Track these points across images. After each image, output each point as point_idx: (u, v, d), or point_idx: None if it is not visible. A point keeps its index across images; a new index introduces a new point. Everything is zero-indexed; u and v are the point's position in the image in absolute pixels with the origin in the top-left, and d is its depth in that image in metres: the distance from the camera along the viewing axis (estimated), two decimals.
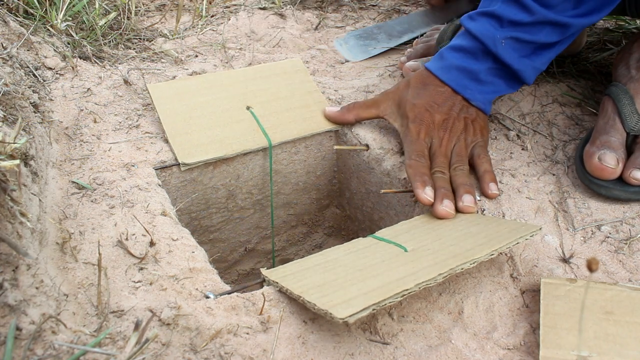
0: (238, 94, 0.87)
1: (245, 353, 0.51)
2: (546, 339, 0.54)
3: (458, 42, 0.80)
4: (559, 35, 0.75)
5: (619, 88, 0.76)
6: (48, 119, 0.76)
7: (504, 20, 0.75)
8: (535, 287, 0.62)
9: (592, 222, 0.69)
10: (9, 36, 0.83)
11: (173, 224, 0.65)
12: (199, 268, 0.60)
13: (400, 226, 0.70)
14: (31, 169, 0.61)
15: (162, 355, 0.49)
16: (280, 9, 1.22)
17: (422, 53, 1.03)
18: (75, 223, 0.63)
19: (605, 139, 0.72)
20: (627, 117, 0.73)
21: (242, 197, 0.88)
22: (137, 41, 1.05)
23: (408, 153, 0.76)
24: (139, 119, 0.82)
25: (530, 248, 0.66)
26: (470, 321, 0.59)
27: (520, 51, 0.76)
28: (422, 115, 0.77)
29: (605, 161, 0.70)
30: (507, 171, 0.78)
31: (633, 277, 0.62)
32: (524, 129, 0.86)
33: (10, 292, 0.45)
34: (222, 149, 0.80)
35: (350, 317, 0.48)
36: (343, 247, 0.65)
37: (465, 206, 0.70)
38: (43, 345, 0.45)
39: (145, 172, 0.73)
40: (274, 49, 1.10)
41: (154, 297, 0.55)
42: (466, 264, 0.56)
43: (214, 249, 0.91)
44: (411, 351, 0.55)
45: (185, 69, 0.96)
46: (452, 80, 0.79)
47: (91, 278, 0.56)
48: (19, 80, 0.73)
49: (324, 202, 0.99)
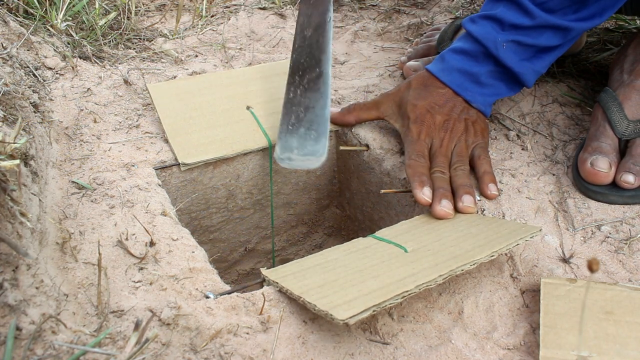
0: (238, 94, 0.87)
1: (245, 353, 0.51)
2: (546, 339, 0.54)
3: (459, 45, 0.80)
4: (560, 39, 0.76)
5: (608, 94, 0.77)
6: (48, 119, 0.76)
7: (505, 23, 0.76)
8: (535, 287, 0.62)
9: (592, 222, 0.69)
10: (9, 36, 0.83)
11: (173, 224, 0.65)
12: (199, 268, 0.60)
13: (400, 226, 0.70)
14: (31, 169, 0.61)
15: (162, 355, 0.49)
16: (280, 8, 1.22)
17: (423, 53, 1.03)
18: (75, 223, 0.63)
19: (597, 144, 0.74)
20: (617, 123, 0.74)
21: (242, 197, 0.88)
22: (137, 41, 1.05)
23: (408, 153, 0.76)
24: (139, 118, 0.82)
25: (530, 248, 0.66)
26: (470, 321, 0.59)
27: (521, 54, 0.77)
28: (423, 116, 0.78)
29: (597, 166, 0.71)
30: (507, 171, 0.78)
31: (633, 277, 0.62)
32: (524, 129, 0.86)
33: (10, 292, 0.45)
34: (222, 149, 0.80)
35: (350, 318, 0.48)
36: (343, 247, 0.65)
37: (465, 206, 0.70)
38: (43, 345, 0.45)
39: (145, 172, 0.73)
40: (274, 48, 1.10)
41: (154, 297, 0.55)
42: (466, 265, 0.56)
43: (214, 249, 0.91)
44: (411, 351, 0.55)
45: (185, 69, 0.96)
46: (453, 82, 0.79)
47: (91, 278, 0.56)
48: (19, 80, 0.73)
49: (324, 202, 0.99)
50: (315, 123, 0.75)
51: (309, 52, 0.78)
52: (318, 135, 0.75)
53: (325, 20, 0.77)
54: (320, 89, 0.76)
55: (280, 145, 0.77)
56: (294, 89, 0.78)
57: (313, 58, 0.78)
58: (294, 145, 0.76)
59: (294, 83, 0.79)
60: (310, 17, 0.79)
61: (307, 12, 0.80)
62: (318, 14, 0.78)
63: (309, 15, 0.79)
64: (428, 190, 0.71)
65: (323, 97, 0.76)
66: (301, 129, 0.76)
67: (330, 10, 0.77)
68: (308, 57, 0.78)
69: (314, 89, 0.77)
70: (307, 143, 0.75)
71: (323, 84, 0.76)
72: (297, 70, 0.79)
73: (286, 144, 0.77)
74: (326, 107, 0.75)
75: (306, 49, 0.79)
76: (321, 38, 0.77)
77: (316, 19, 0.78)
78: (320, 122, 0.75)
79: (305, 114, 0.76)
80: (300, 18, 0.80)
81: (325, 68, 0.76)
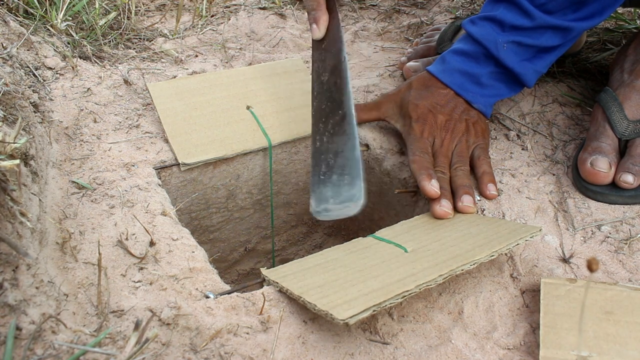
0: (238, 94, 0.87)
1: (245, 353, 0.51)
2: (546, 339, 0.54)
3: (460, 46, 0.80)
4: (561, 39, 0.76)
5: (608, 94, 0.77)
6: (48, 118, 0.76)
7: (505, 24, 0.76)
8: (535, 287, 0.62)
9: (592, 222, 0.69)
10: (9, 36, 0.83)
11: (173, 223, 0.65)
12: (198, 268, 0.60)
13: (400, 226, 0.70)
14: (31, 168, 0.61)
15: (162, 355, 0.49)
16: (280, 8, 1.22)
17: (423, 54, 1.03)
18: (75, 223, 0.63)
19: (597, 144, 0.74)
20: (617, 123, 0.74)
21: (242, 197, 0.88)
22: (137, 41, 1.05)
23: (412, 150, 0.76)
24: (139, 118, 0.82)
25: (530, 248, 0.66)
26: (470, 321, 0.59)
27: (522, 55, 0.77)
28: (426, 115, 0.78)
29: (597, 166, 0.71)
30: (507, 171, 0.78)
31: (633, 277, 0.62)
32: (524, 129, 0.86)
33: (10, 292, 0.45)
34: (222, 148, 0.80)
35: (350, 318, 0.48)
36: (343, 247, 0.65)
37: (465, 206, 0.70)
38: (43, 345, 0.45)
39: (145, 172, 0.73)
40: (274, 48, 1.10)
41: (154, 297, 0.55)
42: (466, 265, 0.56)
43: (214, 249, 0.91)
44: (411, 351, 0.55)
45: (185, 69, 0.96)
46: (454, 83, 0.79)
47: (91, 278, 0.56)
48: (19, 80, 0.73)
49: None
50: (347, 167, 0.71)
51: (329, 97, 0.76)
52: (352, 178, 0.71)
53: (340, 60, 0.75)
54: (346, 131, 0.73)
55: (314, 197, 0.72)
56: (320, 137, 0.75)
57: (334, 101, 0.75)
58: (329, 195, 0.72)
59: (319, 131, 0.76)
60: (324, 61, 0.77)
61: (320, 57, 0.78)
62: (332, 56, 0.76)
63: (322, 60, 0.77)
64: (436, 182, 0.70)
65: (351, 139, 0.72)
66: (334, 176, 0.72)
67: (343, 49, 0.75)
68: (329, 102, 0.76)
69: (340, 132, 0.74)
70: (342, 190, 0.71)
71: (348, 124, 0.73)
72: (320, 118, 0.76)
73: (321, 195, 0.72)
74: (355, 149, 0.72)
75: (325, 94, 0.76)
76: (338, 79, 0.75)
77: (331, 61, 0.76)
78: (352, 165, 0.71)
79: (335, 160, 0.73)
80: (315, 64, 0.78)
81: (348, 109, 0.73)
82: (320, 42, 0.77)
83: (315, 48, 0.78)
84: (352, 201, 0.69)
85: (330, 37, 0.76)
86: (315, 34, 0.76)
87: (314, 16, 0.75)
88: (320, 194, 0.72)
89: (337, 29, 0.75)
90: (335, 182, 0.71)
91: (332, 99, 0.75)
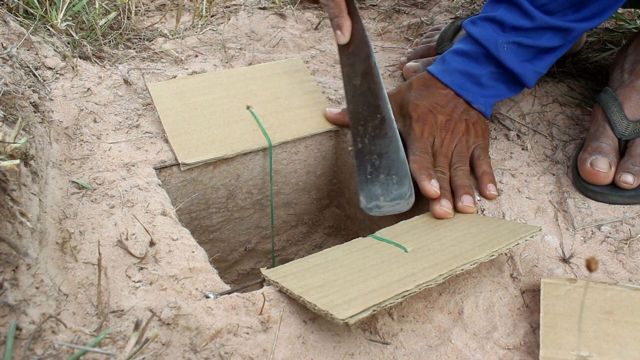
0: (238, 94, 0.87)
1: (245, 353, 0.51)
2: (546, 339, 0.54)
3: (460, 47, 0.80)
4: (561, 40, 0.76)
5: (608, 94, 0.77)
6: (48, 118, 0.76)
7: (505, 25, 0.76)
8: (535, 287, 0.62)
9: (592, 222, 0.69)
10: (9, 36, 0.83)
11: (173, 223, 0.65)
12: (198, 268, 0.60)
13: (400, 226, 0.70)
14: (31, 168, 0.61)
15: (162, 355, 0.49)
16: (280, 8, 1.22)
17: (422, 54, 1.03)
18: (75, 223, 0.63)
19: (596, 145, 0.74)
20: (617, 123, 0.74)
21: (242, 197, 0.88)
22: (137, 41, 1.05)
23: (412, 150, 0.76)
24: (139, 118, 0.82)
25: (530, 248, 0.66)
26: (470, 321, 0.59)
27: (522, 55, 0.77)
28: (426, 115, 0.78)
29: (597, 166, 0.71)
30: (507, 171, 0.78)
31: (633, 277, 0.62)
32: (524, 129, 0.86)
33: (10, 292, 0.45)
34: (222, 148, 0.80)
35: (350, 318, 0.48)
36: (343, 247, 0.65)
37: (465, 206, 0.70)
38: (43, 345, 0.45)
39: (145, 172, 0.73)
40: (274, 48, 1.10)
41: (154, 297, 0.55)
42: (466, 265, 0.56)
43: (214, 249, 0.91)
44: (411, 351, 0.55)
45: (185, 69, 0.96)
46: (454, 84, 0.79)
47: (91, 278, 0.56)
48: (19, 80, 0.73)
49: (324, 202, 0.99)
50: (394, 167, 0.75)
51: (364, 101, 0.78)
52: (400, 179, 0.74)
53: (371, 65, 0.77)
54: (388, 134, 0.76)
55: (364, 194, 0.76)
56: (361, 139, 0.78)
57: (370, 106, 0.77)
58: (379, 193, 0.75)
59: (359, 133, 0.78)
60: (353, 65, 0.79)
61: (349, 61, 0.79)
62: (361, 61, 0.78)
63: (352, 64, 0.79)
64: (436, 183, 0.71)
65: (393, 142, 0.75)
66: (381, 176, 0.76)
67: (372, 55, 0.77)
68: (365, 106, 0.78)
69: (381, 135, 0.77)
70: (392, 188, 0.75)
71: (389, 128, 0.76)
72: (358, 120, 0.79)
73: (370, 192, 0.76)
74: (399, 151, 0.75)
75: (360, 98, 0.79)
76: (372, 85, 0.77)
77: (361, 66, 0.78)
78: (398, 165, 0.75)
79: (381, 161, 0.76)
80: (344, 68, 0.80)
81: (387, 113, 0.76)
82: (346, 46, 0.79)
83: (342, 52, 0.80)
84: (403, 199, 0.74)
85: (356, 41, 0.78)
86: (341, 39, 0.78)
87: (337, 23, 0.77)
88: (369, 191, 0.76)
89: (362, 33, 0.77)
90: (383, 181, 0.75)
91: (368, 102, 0.78)
